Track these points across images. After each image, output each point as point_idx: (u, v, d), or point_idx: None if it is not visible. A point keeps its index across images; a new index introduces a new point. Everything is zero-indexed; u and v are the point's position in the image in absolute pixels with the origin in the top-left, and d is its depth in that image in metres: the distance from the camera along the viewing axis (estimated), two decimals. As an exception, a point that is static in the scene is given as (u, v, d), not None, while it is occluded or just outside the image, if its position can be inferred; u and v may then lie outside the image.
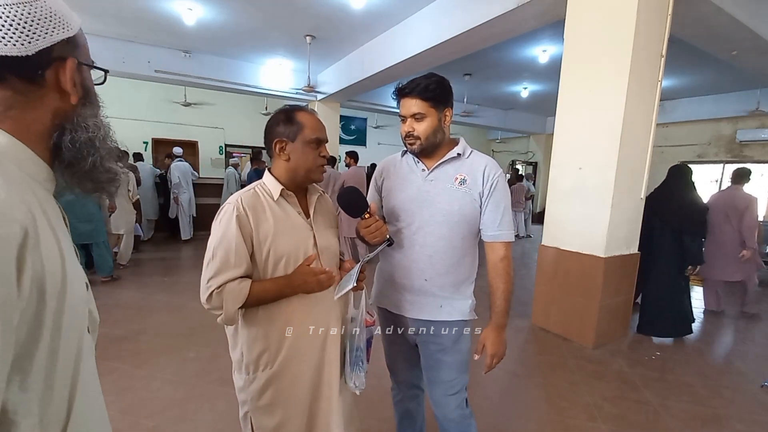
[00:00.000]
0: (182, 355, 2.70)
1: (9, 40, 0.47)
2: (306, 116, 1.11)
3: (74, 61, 0.54)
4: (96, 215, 4.16)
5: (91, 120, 0.57)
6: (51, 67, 0.52)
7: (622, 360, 2.90)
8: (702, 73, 6.57)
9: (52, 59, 0.52)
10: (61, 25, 0.52)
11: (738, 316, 4.05)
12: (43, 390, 0.47)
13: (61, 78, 0.53)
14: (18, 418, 0.44)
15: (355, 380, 1.18)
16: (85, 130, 0.56)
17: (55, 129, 0.54)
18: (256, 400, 1.10)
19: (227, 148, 9.69)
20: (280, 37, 5.61)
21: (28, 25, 0.48)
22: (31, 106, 0.51)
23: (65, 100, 0.54)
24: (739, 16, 3.42)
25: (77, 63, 0.55)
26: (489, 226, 1.27)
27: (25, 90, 0.51)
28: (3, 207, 0.41)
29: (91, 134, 0.56)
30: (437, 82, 1.21)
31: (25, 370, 0.45)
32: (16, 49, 0.48)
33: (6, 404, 0.43)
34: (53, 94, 0.53)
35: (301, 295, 1.10)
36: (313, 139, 1.10)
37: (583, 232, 3.09)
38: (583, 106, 3.05)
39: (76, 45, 0.55)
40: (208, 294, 1.03)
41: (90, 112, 0.58)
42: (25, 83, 0.50)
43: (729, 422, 2.18)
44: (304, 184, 1.17)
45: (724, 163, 8.47)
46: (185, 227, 6.72)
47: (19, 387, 0.44)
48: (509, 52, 5.86)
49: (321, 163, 1.14)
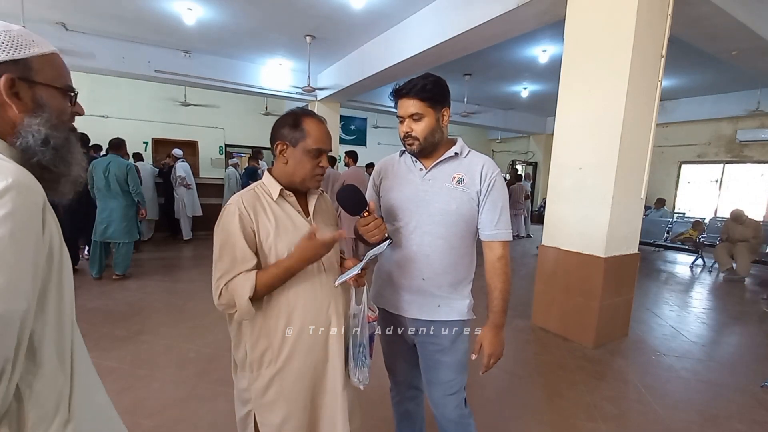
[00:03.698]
0: (182, 355, 2.71)
1: None
2: (313, 124, 1.10)
3: (10, 78, 0.66)
4: (131, 216, 4.43)
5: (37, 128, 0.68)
6: None
7: (622, 360, 2.90)
8: (702, 73, 6.58)
9: None
10: (7, 49, 0.65)
11: (737, 316, 4.05)
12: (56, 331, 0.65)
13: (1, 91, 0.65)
14: (41, 345, 0.61)
15: (359, 375, 1.19)
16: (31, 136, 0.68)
17: (15, 134, 0.67)
18: (260, 397, 1.11)
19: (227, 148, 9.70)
20: (280, 37, 5.61)
21: None
22: None
23: (10, 110, 0.67)
24: (739, 16, 3.42)
25: (16, 79, 0.66)
26: (486, 226, 1.27)
27: None
28: (32, 181, 0.60)
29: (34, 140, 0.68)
30: (434, 82, 1.21)
31: (42, 307, 0.61)
32: None
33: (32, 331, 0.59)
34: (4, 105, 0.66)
35: (304, 291, 1.10)
36: (314, 149, 1.10)
37: (583, 232, 3.09)
38: (583, 106, 3.05)
39: (26, 66, 0.68)
40: (219, 292, 1.04)
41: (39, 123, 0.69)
42: None
43: (729, 422, 2.18)
44: (301, 188, 1.17)
45: (724, 163, 8.48)
46: (186, 227, 6.73)
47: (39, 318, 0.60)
48: (509, 52, 5.86)
49: (318, 173, 1.14)
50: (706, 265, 6.55)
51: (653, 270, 6.26)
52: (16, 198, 0.56)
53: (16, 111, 0.67)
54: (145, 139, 8.47)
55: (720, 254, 5.86)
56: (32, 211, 0.59)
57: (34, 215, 0.59)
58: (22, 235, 0.56)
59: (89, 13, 4.90)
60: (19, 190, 0.57)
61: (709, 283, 5.57)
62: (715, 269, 6.22)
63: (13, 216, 0.55)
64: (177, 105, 8.75)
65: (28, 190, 0.59)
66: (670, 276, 5.95)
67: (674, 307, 4.26)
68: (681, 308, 4.26)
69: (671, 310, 4.18)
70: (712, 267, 6.39)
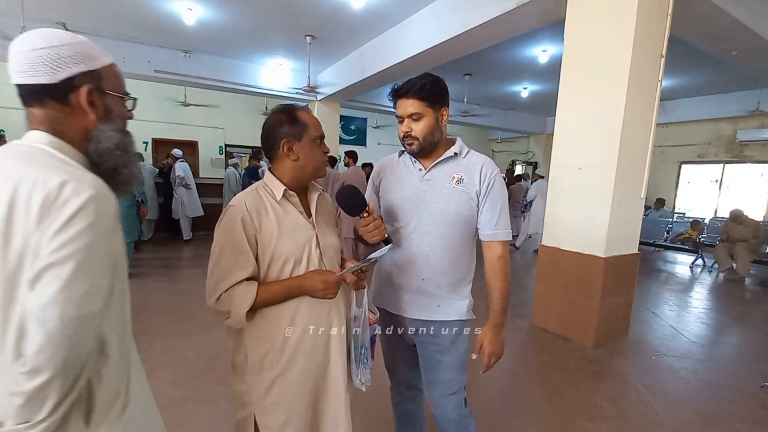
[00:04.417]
0: (182, 355, 2.71)
1: (39, 73, 0.67)
2: (307, 115, 1.13)
3: (89, 87, 0.71)
4: (132, 216, 4.47)
5: (110, 133, 0.75)
6: (72, 92, 0.71)
7: (622, 360, 2.90)
8: (702, 73, 6.57)
9: (73, 86, 0.70)
10: (83, 61, 0.71)
11: (737, 316, 4.05)
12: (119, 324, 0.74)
13: (81, 100, 0.71)
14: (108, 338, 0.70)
15: (361, 377, 1.19)
16: (104, 141, 0.74)
17: (86, 139, 0.73)
18: (261, 400, 1.10)
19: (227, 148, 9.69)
20: (280, 37, 5.61)
21: (54, 63, 0.68)
22: (69, 122, 0.71)
23: (87, 117, 0.73)
24: (739, 16, 3.42)
25: (93, 89, 0.72)
26: (486, 225, 1.27)
27: (60, 109, 0.71)
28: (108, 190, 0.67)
29: (109, 145, 0.74)
30: (432, 82, 1.21)
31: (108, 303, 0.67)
32: (45, 78, 0.68)
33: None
34: (80, 113, 0.72)
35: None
36: (317, 136, 1.13)
37: (583, 232, 3.09)
38: (583, 106, 3.05)
39: (99, 76, 0.74)
40: (217, 297, 1.04)
41: (110, 128, 0.75)
42: (58, 104, 0.70)
43: (729, 422, 2.18)
44: (309, 180, 1.19)
45: (724, 163, 8.48)
46: (186, 227, 6.72)
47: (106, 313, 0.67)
48: (509, 52, 5.86)
49: (325, 158, 1.18)
50: (706, 265, 6.56)
51: (653, 270, 6.26)
52: (98, 208, 0.62)
53: (92, 118, 0.73)
54: (145, 139, 8.47)
55: (720, 254, 5.86)
56: (110, 219, 0.66)
57: (112, 223, 0.66)
58: (102, 242, 0.64)
59: (89, 13, 4.90)
60: (100, 201, 0.63)
61: (709, 283, 5.57)
62: (715, 269, 6.22)
63: (95, 226, 0.62)
64: (177, 105, 8.74)
65: (107, 200, 0.65)
66: (670, 276, 5.95)
67: (674, 307, 4.26)
68: (681, 308, 4.26)
69: (671, 310, 4.18)
70: (712, 267, 6.39)
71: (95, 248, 0.62)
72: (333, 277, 1.07)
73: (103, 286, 0.64)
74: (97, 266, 0.63)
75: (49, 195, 0.60)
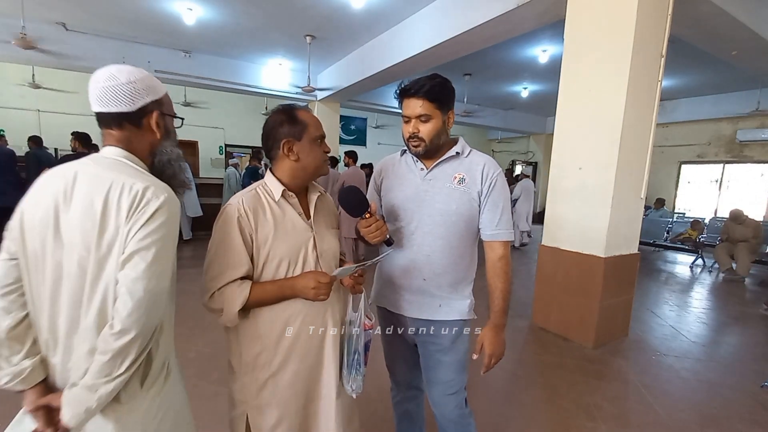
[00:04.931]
0: (182, 355, 2.69)
1: (122, 103, 0.86)
2: (306, 114, 1.12)
3: (158, 113, 0.91)
4: None
5: (169, 148, 0.95)
6: (146, 116, 0.90)
7: (622, 360, 2.90)
8: (702, 73, 6.58)
9: (146, 112, 0.89)
10: (152, 92, 0.89)
11: (737, 316, 4.06)
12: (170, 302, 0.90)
13: (151, 123, 0.90)
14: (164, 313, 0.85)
15: (352, 383, 1.17)
16: (166, 154, 0.94)
17: (152, 153, 0.92)
18: (253, 399, 1.11)
19: (227, 148, 9.69)
20: (280, 37, 5.61)
21: (132, 95, 0.86)
22: (139, 140, 0.90)
23: (154, 136, 0.92)
24: (740, 16, 3.42)
25: (160, 114, 0.92)
26: (487, 225, 1.27)
27: (135, 130, 0.89)
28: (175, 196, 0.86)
29: (169, 157, 0.94)
30: (442, 84, 1.20)
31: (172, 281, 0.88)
32: (126, 107, 0.86)
33: None
34: (149, 133, 0.91)
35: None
36: (317, 135, 1.12)
37: (583, 232, 3.09)
38: (583, 106, 3.05)
39: (162, 103, 0.93)
40: (210, 295, 1.05)
41: (169, 143, 0.95)
42: (134, 127, 0.89)
43: (729, 422, 2.18)
44: (310, 180, 1.18)
45: (724, 163, 8.48)
46: (185, 227, 6.71)
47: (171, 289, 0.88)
48: (509, 52, 5.86)
49: (326, 157, 1.18)
50: (706, 265, 6.55)
51: (653, 270, 6.26)
52: (170, 208, 0.82)
53: (158, 137, 0.92)
54: (145, 139, 8.47)
55: (720, 254, 5.86)
56: (177, 216, 0.85)
57: (178, 218, 0.85)
58: (172, 235, 0.83)
59: (89, 13, 4.90)
60: (171, 202, 0.83)
61: (709, 283, 5.57)
62: (715, 269, 6.22)
63: (168, 221, 0.81)
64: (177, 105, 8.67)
65: (175, 202, 0.85)
66: (670, 276, 5.95)
67: (674, 307, 4.26)
68: (681, 308, 4.26)
69: (671, 310, 4.18)
70: (712, 267, 6.39)
71: (168, 239, 0.81)
72: (325, 277, 1.06)
73: (169, 268, 0.83)
74: (169, 252, 0.82)
75: (136, 196, 0.78)
